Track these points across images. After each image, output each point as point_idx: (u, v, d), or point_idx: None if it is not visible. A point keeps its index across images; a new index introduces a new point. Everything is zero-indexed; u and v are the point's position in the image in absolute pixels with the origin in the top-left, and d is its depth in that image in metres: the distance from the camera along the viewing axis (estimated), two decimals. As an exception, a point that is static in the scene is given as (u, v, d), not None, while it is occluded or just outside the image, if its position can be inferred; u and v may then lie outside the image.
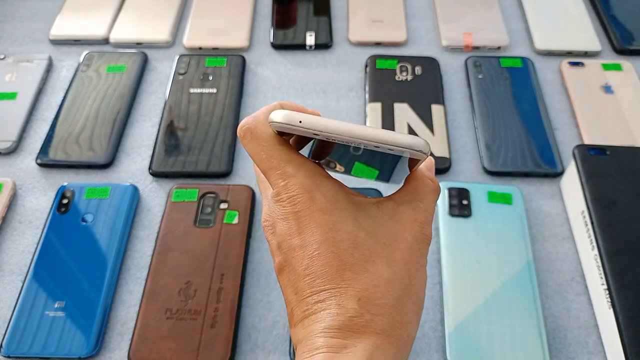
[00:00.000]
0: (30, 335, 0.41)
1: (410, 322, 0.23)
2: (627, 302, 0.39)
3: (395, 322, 0.22)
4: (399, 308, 0.23)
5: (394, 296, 0.23)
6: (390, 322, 0.22)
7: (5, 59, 0.61)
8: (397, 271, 0.23)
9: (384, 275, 0.23)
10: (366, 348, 0.21)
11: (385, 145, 0.22)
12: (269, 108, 0.26)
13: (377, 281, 0.23)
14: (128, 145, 0.55)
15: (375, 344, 0.22)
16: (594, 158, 0.47)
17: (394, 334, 0.22)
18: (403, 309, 0.23)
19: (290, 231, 0.24)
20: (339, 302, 0.22)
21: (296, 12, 0.67)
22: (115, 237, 0.46)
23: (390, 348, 0.22)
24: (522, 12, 0.68)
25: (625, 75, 0.59)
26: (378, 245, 0.24)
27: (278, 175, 0.24)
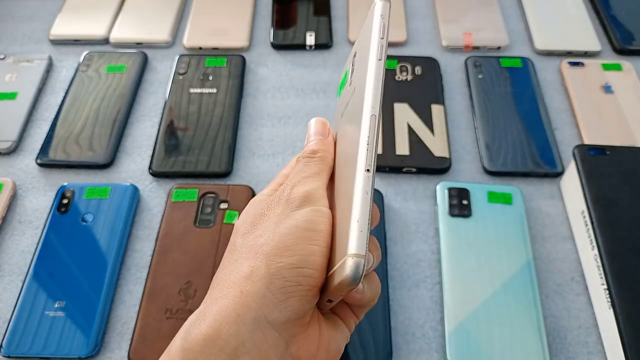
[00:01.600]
0: (30, 335, 0.41)
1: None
2: (627, 302, 0.39)
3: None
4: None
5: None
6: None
7: (5, 59, 0.61)
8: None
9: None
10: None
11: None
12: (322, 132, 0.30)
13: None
14: (128, 145, 0.55)
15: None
16: (594, 158, 0.47)
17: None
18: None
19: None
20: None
21: (296, 12, 0.67)
22: (115, 237, 0.46)
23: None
24: (522, 12, 0.68)
25: (625, 75, 0.59)
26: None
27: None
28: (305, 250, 0.24)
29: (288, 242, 0.24)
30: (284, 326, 0.24)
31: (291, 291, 0.23)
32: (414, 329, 0.43)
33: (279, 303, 0.23)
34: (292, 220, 0.25)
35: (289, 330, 0.24)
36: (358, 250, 0.23)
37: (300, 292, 0.24)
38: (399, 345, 0.42)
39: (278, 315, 0.23)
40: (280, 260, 0.24)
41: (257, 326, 0.23)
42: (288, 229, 0.25)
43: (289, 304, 0.23)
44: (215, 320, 0.23)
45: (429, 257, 0.46)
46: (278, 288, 0.23)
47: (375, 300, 0.28)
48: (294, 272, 0.23)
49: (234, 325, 0.23)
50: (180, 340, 0.23)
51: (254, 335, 0.23)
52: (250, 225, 0.27)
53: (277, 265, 0.24)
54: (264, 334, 0.23)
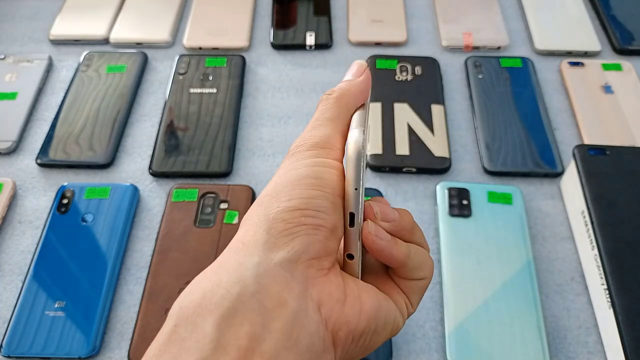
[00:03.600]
0: (30, 335, 0.41)
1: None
2: (627, 302, 0.39)
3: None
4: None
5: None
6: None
7: (5, 59, 0.61)
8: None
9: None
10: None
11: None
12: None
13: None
14: (128, 145, 0.55)
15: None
16: (594, 158, 0.47)
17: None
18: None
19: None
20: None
21: (296, 12, 0.67)
22: (115, 237, 0.46)
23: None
24: (522, 12, 0.68)
25: (625, 75, 0.59)
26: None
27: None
28: (305, 193, 0.22)
29: (287, 188, 0.23)
30: (295, 267, 0.21)
31: (295, 231, 0.21)
32: (414, 329, 0.43)
33: (284, 245, 0.21)
34: (295, 171, 0.23)
35: (302, 272, 0.21)
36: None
37: (305, 231, 0.22)
38: (399, 345, 0.42)
39: (285, 255, 0.21)
40: (279, 205, 0.22)
41: (264, 270, 0.20)
42: (289, 178, 0.23)
43: (295, 243, 0.21)
44: (215, 272, 0.21)
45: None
46: (280, 231, 0.21)
47: (423, 271, 0.25)
48: (295, 214, 0.22)
49: (235, 272, 0.20)
50: (178, 301, 0.20)
51: (261, 279, 0.20)
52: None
53: (276, 209, 0.22)
54: (273, 276, 0.20)
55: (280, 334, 0.19)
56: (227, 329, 0.18)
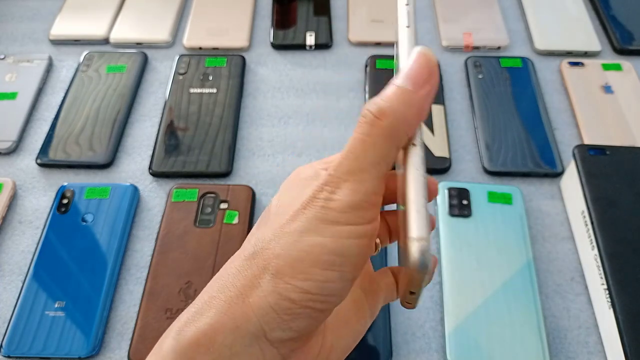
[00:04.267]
0: (30, 335, 0.41)
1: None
2: (627, 302, 0.39)
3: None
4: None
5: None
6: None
7: (5, 59, 0.61)
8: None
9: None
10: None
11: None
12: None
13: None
14: (128, 145, 0.55)
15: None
16: (594, 158, 0.47)
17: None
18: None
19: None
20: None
21: (296, 12, 0.67)
22: (115, 237, 0.46)
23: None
24: (522, 12, 0.68)
25: (625, 75, 0.59)
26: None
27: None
28: (321, 276, 0.21)
29: (305, 263, 0.21)
30: (284, 344, 0.21)
31: (298, 313, 0.21)
32: (414, 329, 0.43)
33: (283, 323, 0.21)
34: (320, 237, 0.21)
35: (288, 347, 0.22)
36: (419, 233, 0.19)
37: (309, 314, 0.21)
38: (399, 345, 0.42)
39: (280, 334, 0.21)
40: (290, 282, 0.21)
41: (255, 341, 0.21)
42: (310, 247, 0.21)
43: (294, 324, 0.21)
44: (210, 325, 0.21)
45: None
46: (284, 309, 0.21)
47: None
48: (304, 297, 0.21)
49: (230, 335, 0.20)
50: (173, 340, 0.21)
51: (251, 349, 0.21)
52: (282, 208, 0.22)
53: (286, 286, 0.21)
54: (262, 349, 0.21)
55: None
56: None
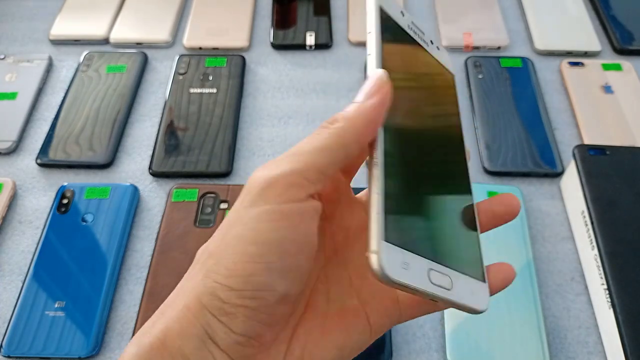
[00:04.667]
0: (30, 335, 0.41)
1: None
2: (627, 302, 0.39)
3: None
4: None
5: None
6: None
7: (5, 59, 0.61)
8: None
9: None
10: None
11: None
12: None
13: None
14: (128, 145, 0.55)
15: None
16: (594, 158, 0.47)
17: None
18: None
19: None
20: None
21: (296, 12, 0.67)
22: (115, 237, 0.46)
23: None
24: (522, 12, 0.68)
25: (625, 75, 0.59)
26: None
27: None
28: (243, 270, 0.20)
29: (229, 257, 0.20)
30: (232, 349, 0.20)
31: (232, 312, 0.20)
32: (414, 329, 0.43)
33: (221, 325, 0.20)
34: (240, 226, 0.20)
35: (239, 352, 0.20)
36: (373, 246, 0.19)
37: (244, 314, 0.20)
38: (399, 345, 0.42)
39: (223, 337, 0.20)
40: (216, 279, 0.20)
41: (203, 344, 0.20)
42: (233, 239, 0.20)
43: (233, 326, 0.20)
44: (162, 331, 0.20)
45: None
46: (217, 309, 0.20)
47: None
48: (231, 295, 0.20)
49: (178, 339, 0.20)
50: (134, 346, 0.21)
51: (200, 352, 0.20)
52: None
53: (213, 284, 0.20)
54: (211, 353, 0.20)
55: None
56: None
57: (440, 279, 0.21)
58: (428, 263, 0.21)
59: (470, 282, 0.23)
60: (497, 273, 0.24)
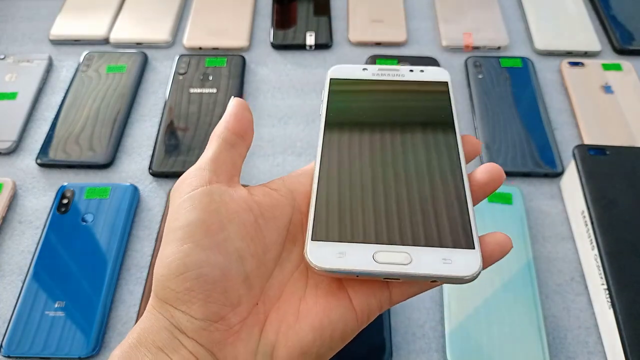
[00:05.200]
0: (30, 335, 0.41)
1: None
2: (627, 302, 0.39)
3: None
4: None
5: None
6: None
7: (5, 59, 0.61)
8: None
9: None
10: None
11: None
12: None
13: None
14: (128, 145, 0.55)
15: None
16: (594, 158, 0.47)
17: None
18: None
19: None
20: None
21: (296, 12, 0.67)
22: (115, 237, 0.46)
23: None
24: (522, 12, 0.68)
25: (625, 75, 0.59)
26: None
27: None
28: (179, 252, 0.22)
29: (165, 248, 0.22)
30: (198, 334, 0.21)
31: (186, 299, 0.21)
32: (414, 329, 0.43)
33: (183, 314, 0.21)
34: (168, 222, 0.23)
35: (206, 337, 0.21)
36: (306, 246, 0.23)
37: (198, 297, 0.21)
38: (399, 345, 0.42)
39: (187, 325, 0.21)
40: (162, 272, 0.22)
41: (172, 334, 0.21)
42: (165, 234, 0.23)
43: (193, 312, 0.21)
44: (137, 331, 0.22)
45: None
46: (173, 300, 0.21)
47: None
48: (177, 281, 0.21)
49: (149, 334, 0.22)
50: (117, 349, 0.22)
51: (172, 342, 0.21)
52: None
53: (161, 278, 0.22)
54: (181, 341, 0.21)
55: None
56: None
57: (390, 257, 0.22)
58: (373, 246, 0.23)
59: (442, 252, 0.23)
60: (490, 242, 0.24)
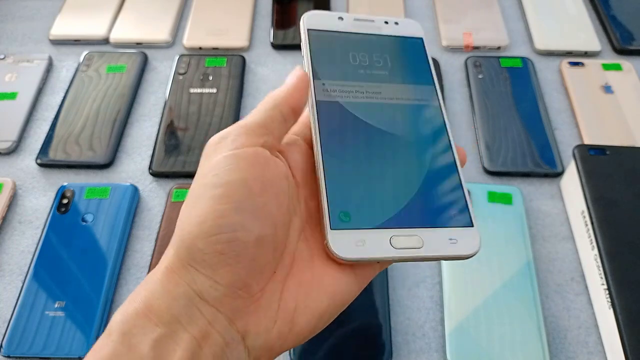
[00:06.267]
0: (30, 335, 0.41)
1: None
2: (627, 302, 0.39)
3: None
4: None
5: None
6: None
7: (5, 59, 0.61)
8: None
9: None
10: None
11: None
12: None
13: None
14: (128, 145, 0.55)
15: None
16: (594, 158, 0.47)
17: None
18: None
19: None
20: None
21: (296, 12, 0.67)
22: (115, 237, 0.46)
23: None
24: (522, 12, 0.68)
25: (625, 75, 0.59)
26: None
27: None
28: (214, 212, 0.20)
29: (198, 206, 0.21)
30: (220, 301, 0.20)
31: (215, 262, 0.20)
32: (414, 329, 0.43)
33: (207, 278, 0.20)
34: (202, 179, 0.22)
35: (228, 305, 0.20)
36: (326, 236, 0.23)
37: (227, 262, 0.20)
38: (399, 345, 0.42)
39: (210, 291, 0.20)
40: (191, 230, 0.20)
41: (191, 302, 0.20)
42: (199, 189, 0.21)
43: (219, 277, 0.20)
44: (146, 297, 0.20)
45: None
46: (199, 262, 0.20)
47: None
48: (209, 242, 0.20)
49: (164, 300, 0.20)
50: (119, 314, 0.21)
51: (189, 310, 0.20)
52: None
53: (189, 236, 0.20)
54: (200, 310, 0.20)
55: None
56: (162, 352, 0.19)
57: (405, 242, 0.23)
58: (389, 231, 0.23)
59: (448, 232, 0.24)
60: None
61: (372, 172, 0.25)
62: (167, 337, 0.20)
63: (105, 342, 0.20)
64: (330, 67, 0.27)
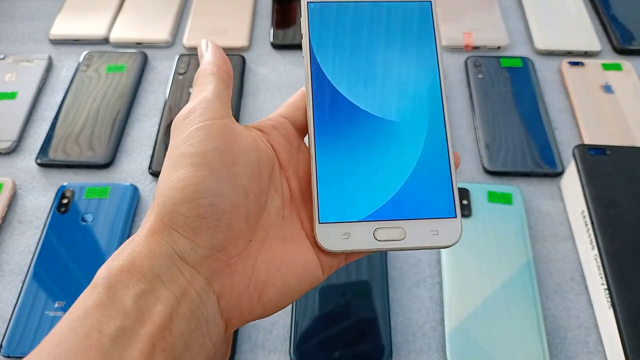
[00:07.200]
0: (30, 335, 0.41)
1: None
2: (627, 302, 0.39)
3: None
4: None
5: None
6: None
7: (5, 59, 0.61)
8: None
9: None
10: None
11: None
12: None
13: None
14: (128, 145, 0.55)
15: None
16: (594, 158, 0.47)
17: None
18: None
19: None
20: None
21: (296, 12, 0.67)
22: (115, 237, 0.46)
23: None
24: (522, 12, 0.68)
25: (625, 75, 0.59)
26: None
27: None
28: (195, 177, 0.22)
29: (178, 171, 0.22)
30: (200, 263, 0.22)
31: (197, 226, 0.21)
32: (414, 329, 0.43)
33: (188, 241, 0.21)
34: (178, 149, 0.23)
35: (207, 266, 0.22)
36: (315, 229, 0.24)
37: (208, 225, 0.22)
38: (399, 345, 0.42)
39: (191, 253, 0.21)
40: (174, 195, 0.22)
41: (172, 262, 0.21)
42: (175, 158, 0.22)
43: (199, 240, 0.22)
44: (130, 254, 0.21)
45: (429, 257, 0.46)
46: (181, 225, 0.21)
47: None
48: (191, 206, 0.21)
49: (146, 259, 0.21)
50: (103, 270, 0.22)
51: (170, 270, 0.21)
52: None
53: (172, 200, 0.22)
54: (180, 270, 0.21)
55: (184, 318, 0.21)
56: (144, 306, 0.20)
57: (388, 234, 0.24)
58: (373, 224, 0.25)
59: (431, 224, 0.25)
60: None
61: (363, 163, 0.26)
62: (148, 292, 0.21)
63: (90, 294, 0.21)
64: (330, 45, 0.28)
